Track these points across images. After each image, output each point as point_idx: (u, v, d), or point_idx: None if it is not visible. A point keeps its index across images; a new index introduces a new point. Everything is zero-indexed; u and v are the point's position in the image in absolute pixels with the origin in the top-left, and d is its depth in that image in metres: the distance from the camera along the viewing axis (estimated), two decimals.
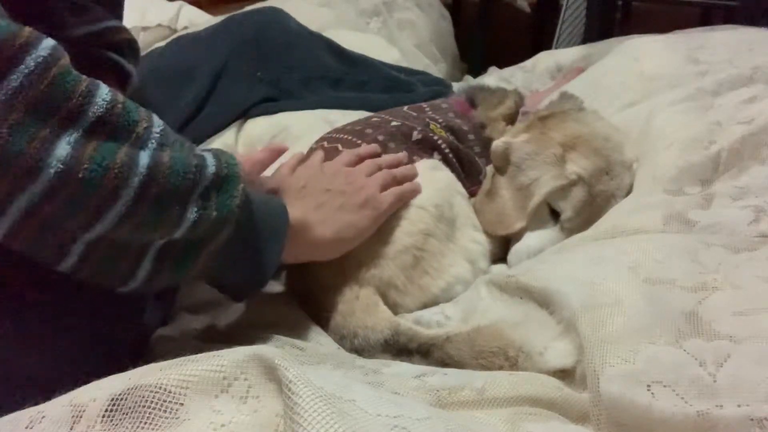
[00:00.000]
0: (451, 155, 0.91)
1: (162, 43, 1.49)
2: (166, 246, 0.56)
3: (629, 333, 0.56)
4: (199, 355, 0.48)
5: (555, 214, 0.86)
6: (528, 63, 1.59)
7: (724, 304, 0.57)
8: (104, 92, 0.52)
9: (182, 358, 0.49)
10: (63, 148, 0.49)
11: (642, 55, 1.12)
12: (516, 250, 0.87)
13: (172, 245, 0.56)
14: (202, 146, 0.81)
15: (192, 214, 0.55)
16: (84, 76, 0.52)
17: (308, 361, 0.62)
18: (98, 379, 0.48)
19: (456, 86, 1.41)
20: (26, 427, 0.45)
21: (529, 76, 1.53)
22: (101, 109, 0.51)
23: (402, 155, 0.85)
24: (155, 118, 0.56)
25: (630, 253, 0.66)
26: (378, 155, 0.84)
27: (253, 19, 1.34)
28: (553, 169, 0.84)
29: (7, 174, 0.48)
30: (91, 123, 0.51)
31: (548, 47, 1.86)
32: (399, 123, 0.91)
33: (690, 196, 0.76)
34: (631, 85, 1.07)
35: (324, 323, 0.75)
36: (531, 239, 0.86)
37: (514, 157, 0.87)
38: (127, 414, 0.44)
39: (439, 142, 0.91)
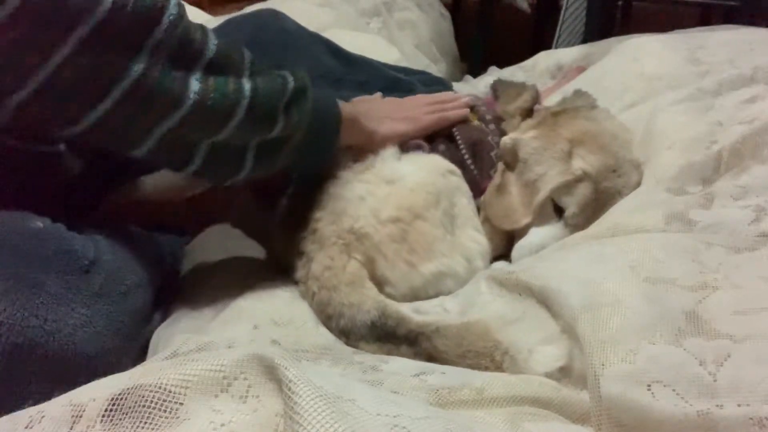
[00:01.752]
0: (463, 148, 0.93)
1: None
2: (262, 144, 0.74)
3: (629, 333, 0.56)
4: (198, 355, 0.48)
5: (559, 211, 0.86)
6: (528, 62, 1.59)
7: (724, 304, 0.57)
8: (213, 37, 0.69)
9: (182, 358, 0.49)
10: (194, 83, 0.66)
11: (642, 56, 1.12)
12: (519, 246, 0.87)
13: (266, 143, 0.74)
14: None
15: (281, 119, 0.73)
16: (198, 24, 0.69)
17: (306, 357, 0.62)
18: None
19: (456, 86, 1.41)
20: (26, 427, 0.45)
21: (529, 76, 1.53)
22: (213, 51, 0.68)
23: (457, 95, 0.98)
24: (246, 53, 0.73)
25: (631, 252, 0.66)
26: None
27: (250, 21, 1.34)
28: (560, 165, 0.84)
29: (156, 106, 0.65)
30: (207, 62, 0.68)
31: (548, 47, 1.85)
32: None
33: (691, 195, 0.76)
34: (632, 86, 1.07)
35: (307, 289, 0.76)
36: (534, 235, 0.86)
37: (522, 153, 0.88)
38: (127, 414, 0.44)
39: (457, 135, 0.93)
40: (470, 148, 0.93)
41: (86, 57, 0.61)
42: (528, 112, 0.99)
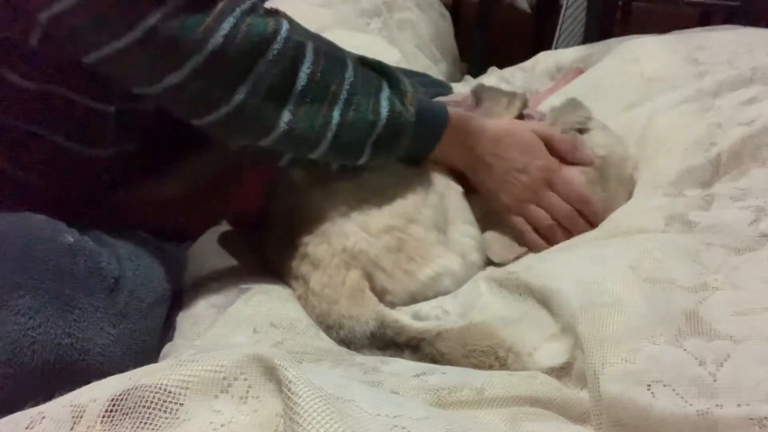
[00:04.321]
0: None
1: None
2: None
3: (629, 332, 0.56)
4: (198, 356, 0.48)
5: None
6: (528, 63, 1.58)
7: (724, 304, 0.57)
8: (309, 62, 0.70)
9: (182, 359, 0.49)
10: (286, 114, 0.69)
11: (642, 57, 1.11)
12: None
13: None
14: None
15: (367, 152, 0.75)
16: (300, 45, 0.70)
17: (307, 359, 0.62)
18: None
19: (456, 86, 1.41)
20: (26, 428, 0.45)
21: (528, 76, 1.53)
22: (305, 80, 0.70)
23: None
24: (348, 71, 0.73)
25: (630, 253, 0.66)
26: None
27: None
28: None
29: (250, 131, 0.70)
30: (301, 90, 0.70)
31: (548, 47, 1.85)
32: None
33: (690, 198, 0.76)
34: (631, 87, 1.06)
35: (307, 303, 0.76)
36: None
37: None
38: (127, 414, 0.44)
39: None
40: None
41: (195, 84, 0.65)
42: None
